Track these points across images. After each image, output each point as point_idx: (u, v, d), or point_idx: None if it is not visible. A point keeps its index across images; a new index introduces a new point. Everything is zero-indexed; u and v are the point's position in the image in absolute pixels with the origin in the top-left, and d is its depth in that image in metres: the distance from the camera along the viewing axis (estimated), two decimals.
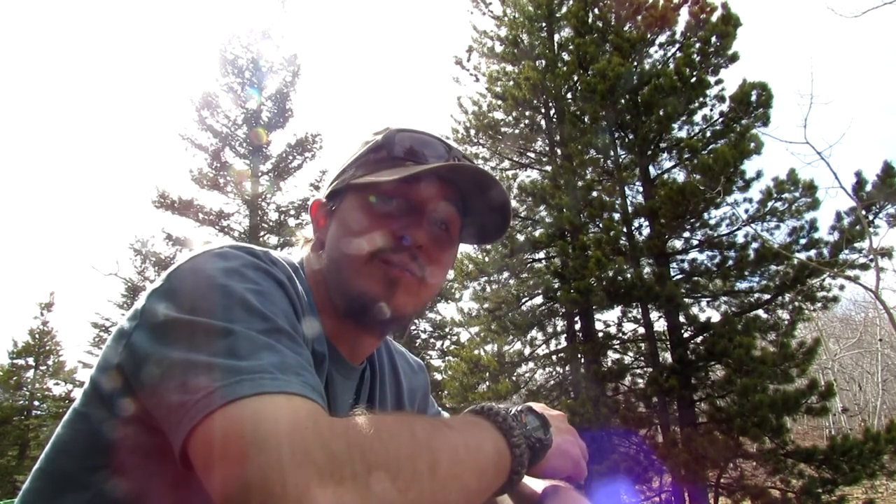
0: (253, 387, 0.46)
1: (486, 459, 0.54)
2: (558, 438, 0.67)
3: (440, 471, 0.47)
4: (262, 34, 13.46)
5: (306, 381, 0.51)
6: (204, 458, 0.46)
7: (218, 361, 0.48)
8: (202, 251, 0.61)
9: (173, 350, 0.51)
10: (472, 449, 0.53)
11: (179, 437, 0.47)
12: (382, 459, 0.44)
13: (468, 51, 11.58)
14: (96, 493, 0.58)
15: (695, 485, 6.88)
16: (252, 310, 0.54)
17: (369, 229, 0.71)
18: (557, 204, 8.51)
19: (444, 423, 0.54)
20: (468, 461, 0.51)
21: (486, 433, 0.57)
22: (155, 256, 12.74)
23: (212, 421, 0.45)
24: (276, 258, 0.66)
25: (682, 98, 8.02)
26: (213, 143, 12.96)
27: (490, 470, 0.54)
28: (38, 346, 15.70)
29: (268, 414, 0.45)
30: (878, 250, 6.47)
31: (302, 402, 0.47)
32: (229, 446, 0.44)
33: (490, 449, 0.55)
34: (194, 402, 0.46)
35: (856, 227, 7.04)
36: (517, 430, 0.59)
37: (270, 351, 0.51)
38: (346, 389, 0.78)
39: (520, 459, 0.58)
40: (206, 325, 0.52)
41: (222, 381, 0.47)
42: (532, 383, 9.92)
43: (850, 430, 13.39)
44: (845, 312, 18.85)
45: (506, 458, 0.57)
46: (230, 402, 0.45)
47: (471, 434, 0.55)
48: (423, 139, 0.76)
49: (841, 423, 16.30)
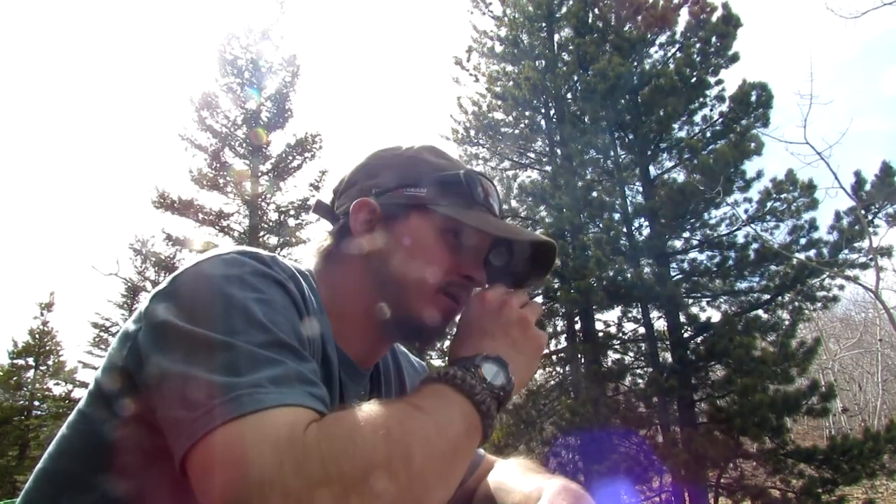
0: (250, 403, 0.47)
1: (457, 430, 0.54)
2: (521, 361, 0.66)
3: (415, 462, 0.48)
4: (261, 34, 13.46)
5: (306, 391, 0.51)
6: (199, 478, 0.47)
7: (216, 378, 0.49)
8: (209, 256, 0.61)
9: (174, 360, 0.51)
10: (443, 426, 0.53)
11: (178, 452, 0.48)
12: (359, 468, 0.45)
13: (468, 51, 11.58)
14: (99, 494, 0.58)
15: (695, 485, 6.89)
16: (253, 321, 0.54)
17: (444, 261, 0.74)
18: (557, 204, 8.51)
19: (415, 406, 0.54)
20: (441, 441, 0.52)
21: (453, 403, 0.56)
22: (155, 256, 12.74)
23: (209, 441, 0.46)
24: (285, 265, 0.66)
25: (682, 98, 8.03)
26: (212, 143, 12.95)
27: (462, 438, 0.55)
28: (38, 346, 15.69)
29: (256, 436, 0.46)
30: (877, 250, 6.48)
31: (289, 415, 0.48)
32: (222, 471, 0.45)
33: (458, 418, 0.55)
34: (192, 419, 0.47)
35: (855, 226, 7.05)
36: (478, 386, 0.58)
37: (270, 364, 0.51)
38: (355, 394, 0.78)
39: (488, 414, 0.57)
40: (206, 339, 0.52)
41: (220, 397, 0.47)
42: (532, 383, 9.92)
43: (850, 430, 13.40)
44: (845, 312, 18.88)
45: (475, 419, 0.57)
46: (227, 421, 0.46)
47: (439, 411, 0.54)
48: (491, 189, 0.80)
49: (841, 423, 16.29)
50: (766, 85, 7.80)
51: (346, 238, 0.76)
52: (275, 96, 13.42)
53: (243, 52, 13.32)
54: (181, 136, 12.82)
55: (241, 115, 13.16)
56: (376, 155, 0.82)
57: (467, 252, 0.75)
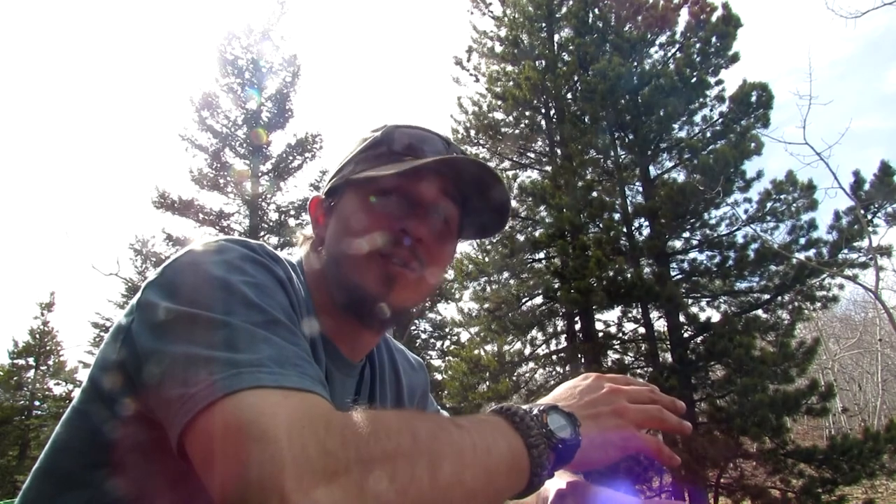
0: (251, 380, 0.46)
1: (497, 461, 0.52)
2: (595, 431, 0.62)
3: (442, 473, 0.46)
4: (261, 35, 13.47)
5: (305, 371, 0.50)
6: (201, 451, 0.46)
7: (216, 354, 0.48)
8: (198, 245, 0.61)
9: (170, 344, 0.51)
10: (482, 450, 0.50)
11: (177, 429, 0.47)
12: (379, 458, 0.44)
13: (468, 51, 11.59)
14: (97, 492, 0.58)
15: (695, 485, 6.89)
16: (249, 302, 0.54)
17: (369, 225, 0.71)
18: (557, 204, 8.51)
19: (454, 422, 0.52)
20: (475, 464, 0.49)
21: (501, 433, 0.54)
22: (155, 256, 12.74)
23: (209, 413, 0.45)
24: (273, 253, 0.66)
25: (682, 98, 8.03)
26: (213, 143, 12.97)
27: (502, 472, 0.52)
28: (38, 346, 15.70)
29: (266, 408, 0.44)
30: (877, 249, 6.48)
31: (300, 397, 0.47)
32: (227, 440, 0.43)
33: (503, 450, 0.53)
34: (192, 394, 0.46)
35: (855, 226, 7.05)
36: (535, 429, 0.56)
37: (268, 343, 0.51)
38: (345, 387, 0.78)
39: (538, 461, 0.54)
40: (203, 318, 0.51)
41: (220, 373, 0.46)
42: (532, 383, 9.92)
43: (849, 429, 13.39)
44: (845, 312, 18.88)
45: (523, 459, 0.54)
46: (228, 394, 0.45)
47: (482, 434, 0.52)
48: (422, 135, 0.76)
49: (841, 423, 16.29)
50: (766, 85, 7.81)
51: (316, 237, 0.80)
52: (275, 96, 13.44)
53: (244, 52, 13.33)
54: (182, 136, 12.84)
55: (242, 115, 13.17)
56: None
57: (400, 209, 0.71)
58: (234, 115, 13.14)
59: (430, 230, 0.72)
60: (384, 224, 0.71)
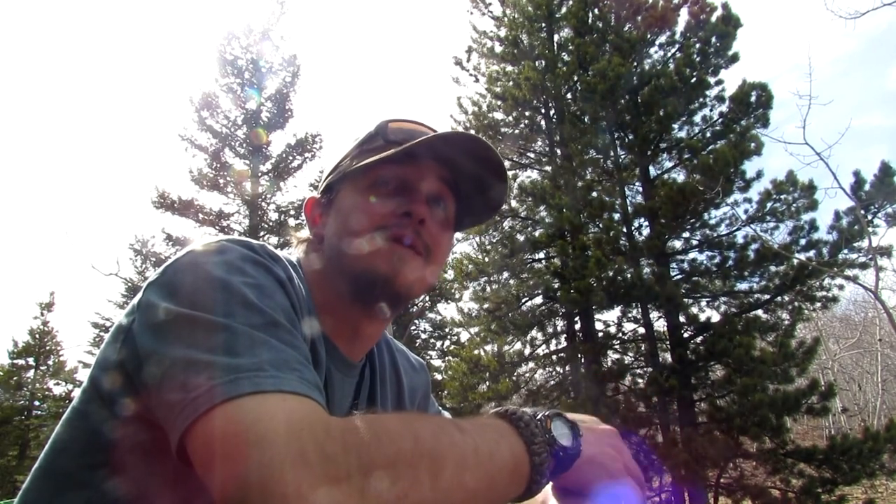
0: (250, 385, 0.46)
1: (499, 465, 0.51)
2: (593, 449, 0.61)
3: (444, 476, 0.46)
4: (261, 35, 13.48)
5: (304, 377, 0.50)
6: (202, 456, 0.46)
7: (215, 359, 0.48)
8: (199, 246, 0.61)
9: (170, 346, 0.51)
10: (484, 454, 0.50)
11: (177, 433, 0.47)
12: (380, 462, 0.43)
13: (468, 51, 11.59)
14: (96, 492, 0.58)
15: (695, 485, 6.88)
16: (249, 304, 0.54)
17: (372, 211, 0.72)
18: (557, 204, 8.51)
19: (456, 425, 0.52)
20: (477, 467, 0.49)
21: (504, 437, 0.54)
22: (155, 257, 12.75)
23: (209, 418, 0.45)
24: (273, 253, 0.66)
25: (682, 98, 8.03)
26: (212, 143, 12.98)
27: (504, 476, 0.52)
28: (38, 346, 15.71)
29: (265, 412, 0.44)
30: (877, 249, 6.48)
31: (299, 401, 0.47)
32: (226, 444, 0.43)
33: (505, 454, 0.52)
34: (191, 399, 0.46)
35: (855, 226, 7.05)
36: (540, 435, 0.55)
37: (267, 347, 0.51)
38: (345, 388, 0.78)
39: (539, 468, 0.54)
40: (203, 320, 0.51)
41: (220, 378, 0.46)
42: (532, 383, 9.92)
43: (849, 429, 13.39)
44: (845, 312, 18.89)
45: (524, 464, 0.54)
46: (227, 399, 0.45)
47: (484, 438, 0.52)
48: (416, 127, 0.78)
49: (841, 422, 16.30)
50: (766, 85, 7.81)
51: (314, 237, 0.81)
52: (275, 96, 13.44)
53: (243, 52, 13.34)
54: (181, 136, 12.84)
55: (242, 115, 13.17)
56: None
57: (399, 193, 0.73)
58: (234, 115, 13.15)
59: (430, 212, 0.74)
60: (388, 208, 0.72)
